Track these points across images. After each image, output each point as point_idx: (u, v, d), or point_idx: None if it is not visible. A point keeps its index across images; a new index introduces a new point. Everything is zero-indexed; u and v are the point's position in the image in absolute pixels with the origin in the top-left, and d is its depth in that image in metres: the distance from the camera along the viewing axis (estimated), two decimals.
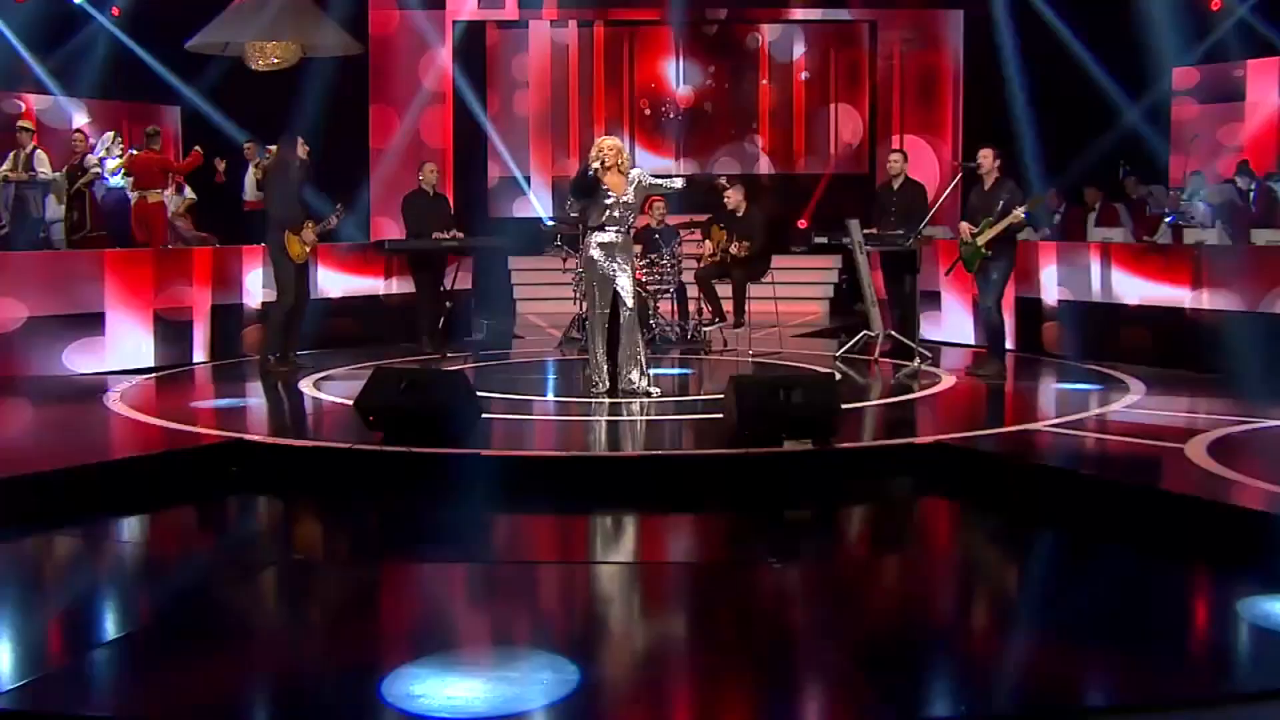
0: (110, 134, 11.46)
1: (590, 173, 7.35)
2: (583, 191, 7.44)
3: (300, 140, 8.88)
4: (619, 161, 7.42)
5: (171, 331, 9.32)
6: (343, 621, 4.33)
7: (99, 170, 11.12)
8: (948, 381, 8.27)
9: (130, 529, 5.52)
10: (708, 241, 10.51)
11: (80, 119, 12.44)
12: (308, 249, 8.87)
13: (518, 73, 15.73)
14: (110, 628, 4.26)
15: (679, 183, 7.94)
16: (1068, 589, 4.55)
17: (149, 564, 5.09)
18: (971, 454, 5.99)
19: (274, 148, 9.52)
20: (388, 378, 6.34)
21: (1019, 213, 8.06)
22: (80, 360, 8.78)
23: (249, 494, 6.01)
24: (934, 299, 10.55)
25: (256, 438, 6.34)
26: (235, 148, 12.18)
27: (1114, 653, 3.80)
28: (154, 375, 8.77)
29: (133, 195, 11.26)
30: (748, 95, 15.97)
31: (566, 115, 15.76)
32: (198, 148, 11.72)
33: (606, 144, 7.45)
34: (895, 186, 9.75)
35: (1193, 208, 11.10)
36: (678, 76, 15.98)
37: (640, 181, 7.49)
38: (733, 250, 10.02)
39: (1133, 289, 9.23)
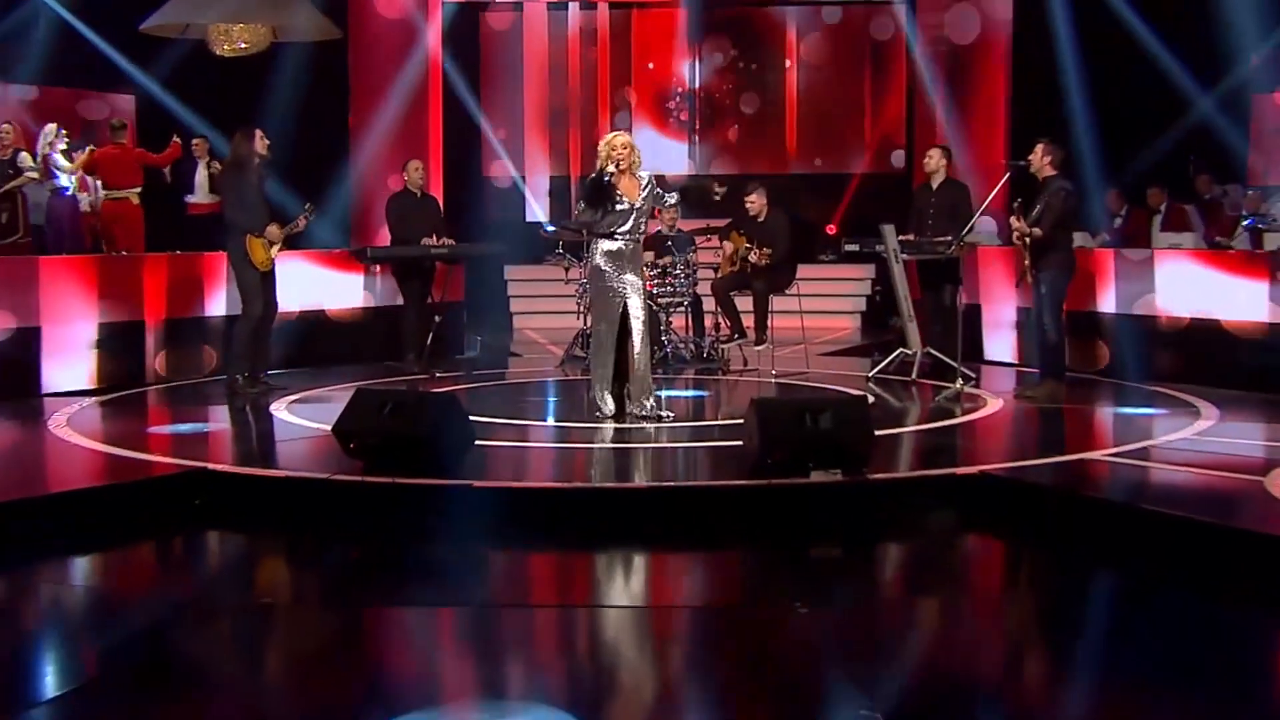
0: (52, 127, 11.21)
1: (606, 179, 7.40)
2: (596, 201, 7.48)
3: (259, 134, 8.91)
4: (632, 162, 7.46)
5: (119, 348, 9.33)
6: (317, 673, 4.34)
7: (35, 172, 10.86)
8: (994, 405, 8.28)
9: (79, 570, 5.54)
10: (726, 246, 10.53)
11: (11, 108, 12.15)
12: (273, 254, 8.92)
13: (514, 61, 15.81)
14: (53, 682, 4.26)
15: (673, 198, 7.98)
16: (1128, 637, 4.54)
17: (99, 609, 5.10)
18: (1021, 486, 5.99)
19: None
20: (370, 400, 6.36)
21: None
22: (13, 380, 8.75)
23: (213, 530, 6.04)
24: (978, 313, 10.56)
25: (222, 467, 6.36)
26: (185, 144, 12.11)
27: (1179, 710, 3.80)
28: (103, 398, 8.79)
29: (83, 197, 11.27)
30: (771, 85, 16.04)
31: (568, 108, 15.84)
32: (176, 138, 11.78)
33: (618, 142, 7.49)
34: (935, 187, 9.78)
35: (1275, 209, 11.07)
36: (691, 65, 16.05)
37: (653, 186, 7.55)
38: (753, 259, 10.04)
39: (1205, 301, 9.22)
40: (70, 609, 5.11)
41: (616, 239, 7.51)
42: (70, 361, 9.07)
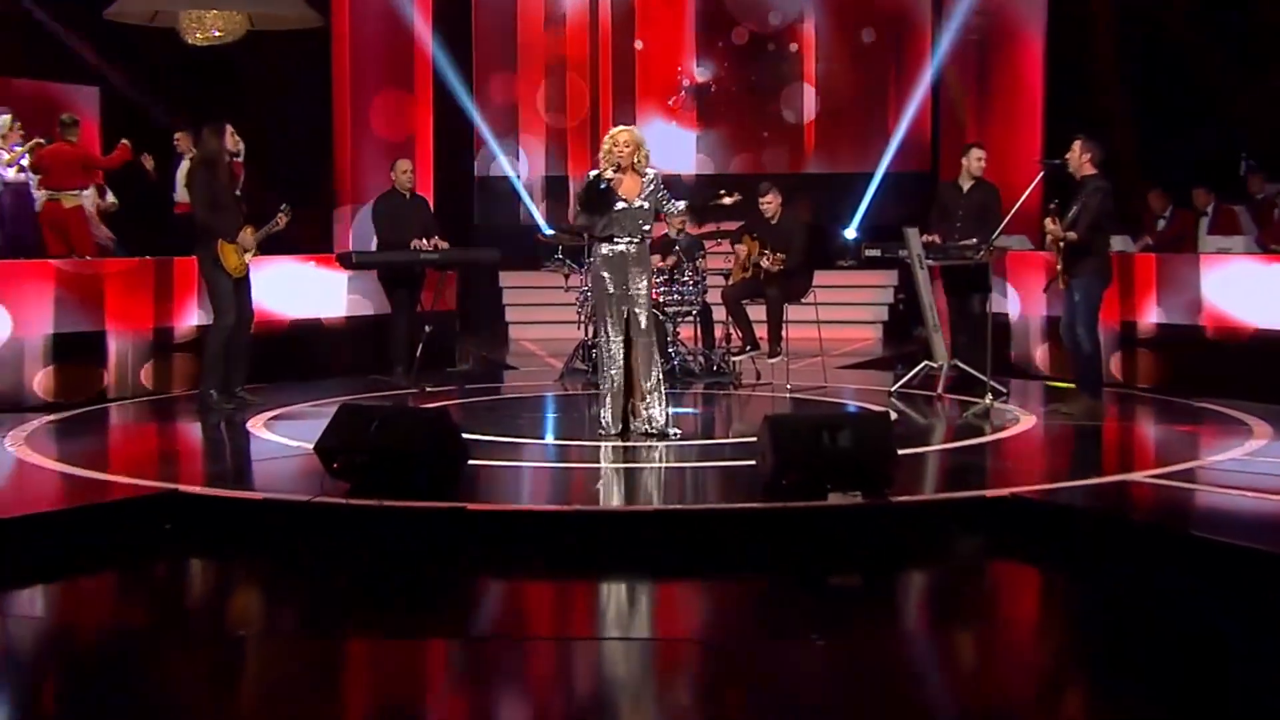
0: (5, 118, 11.20)
1: (603, 185, 7.42)
2: (594, 205, 7.50)
3: (229, 129, 8.94)
4: (635, 160, 7.48)
5: (76, 359, 9.30)
6: (296, 711, 4.34)
7: None
8: (1027, 422, 8.28)
9: (36, 600, 5.53)
10: (738, 250, 10.52)
11: None
12: (247, 259, 8.94)
13: (509, 49, 15.86)
14: None
15: (681, 205, 7.99)
16: (1172, 673, 4.54)
17: (60, 643, 5.09)
18: (1055, 510, 5.99)
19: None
20: (355, 417, 6.37)
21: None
22: None
23: (185, 557, 6.04)
24: (1008, 323, 10.57)
25: (194, 489, 6.37)
26: (166, 139, 12.14)
27: None
28: (62, 414, 8.76)
29: (40, 195, 11.27)
30: (787, 76, 16.06)
31: (567, 102, 15.87)
32: (125, 141, 11.76)
33: (621, 139, 7.51)
34: (965, 188, 9.79)
35: None
36: (700, 54, 16.09)
37: (656, 186, 7.56)
38: (766, 264, 10.04)
39: (1257, 310, 9.23)
40: (28, 643, 5.10)
41: (617, 243, 7.53)
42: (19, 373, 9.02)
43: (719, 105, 16.17)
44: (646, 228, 7.61)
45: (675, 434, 7.60)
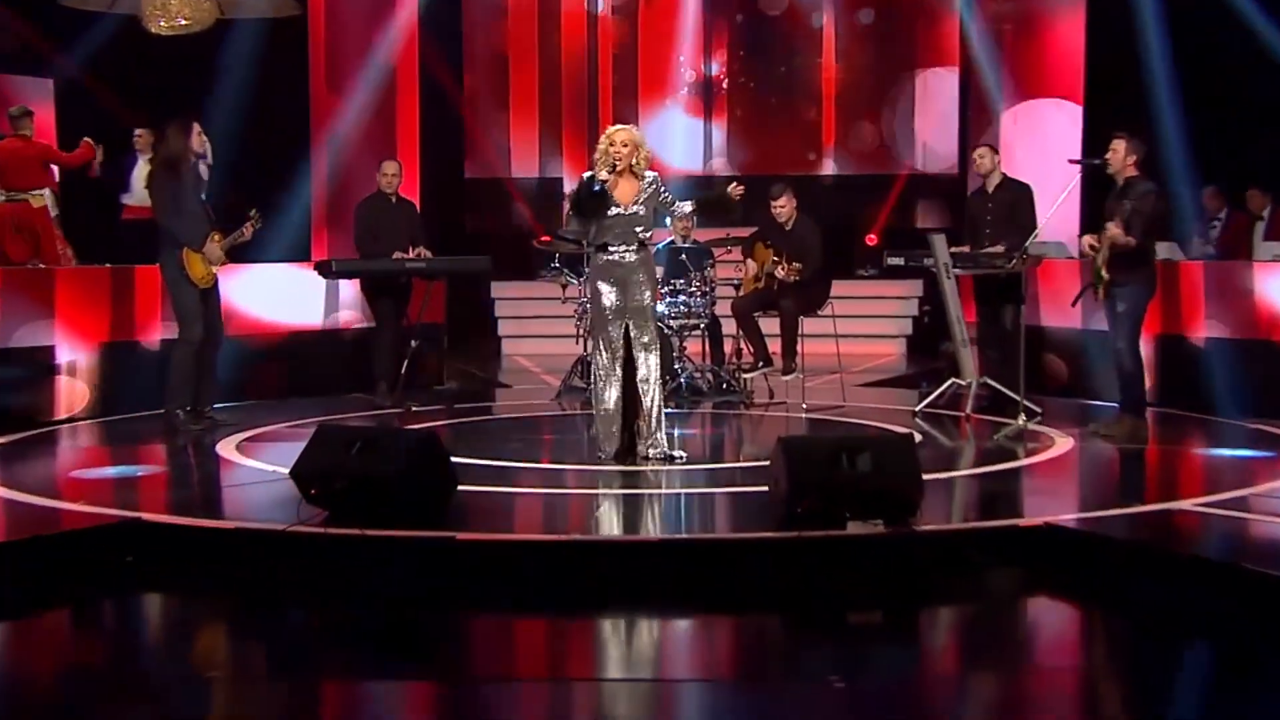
0: None
1: (597, 188, 7.42)
2: (587, 209, 7.50)
3: (195, 128, 8.95)
4: (634, 161, 7.48)
5: (27, 376, 9.29)
6: None
7: None
8: (1064, 445, 8.27)
9: None
10: (749, 263, 10.54)
11: None
12: (215, 268, 8.94)
13: (501, 41, 15.89)
14: None
15: (688, 206, 7.98)
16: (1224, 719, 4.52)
17: (9, 687, 5.05)
18: (1095, 540, 5.97)
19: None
20: (334, 439, 6.37)
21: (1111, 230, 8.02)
22: None
23: (148, 592, 6.02)
24: (1042, 337, 10.56)
25: (158, 517, 6.36)
26: (121, 136, 12.03)
27: None
28: (12, 436, 8.73)
29: None
30: (803, 69, 16.10)
31: (563, 98, 15.90)
32: (88, 139, 11.76)
33: (618, 137, 7.52)
34: (990, 190, 9.79)
35: None
36: (708, 45, 16.11)
37: (656, 189, 7.55)
38: (780, 274, 10.02)
39: None
40: None
41: (612, 252, 7.54)
42: None
43: (729, 99, 16.18)
44: (645, 235, 7.59)
45: (681, 457, 7.60)
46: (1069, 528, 6.08)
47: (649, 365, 7.56)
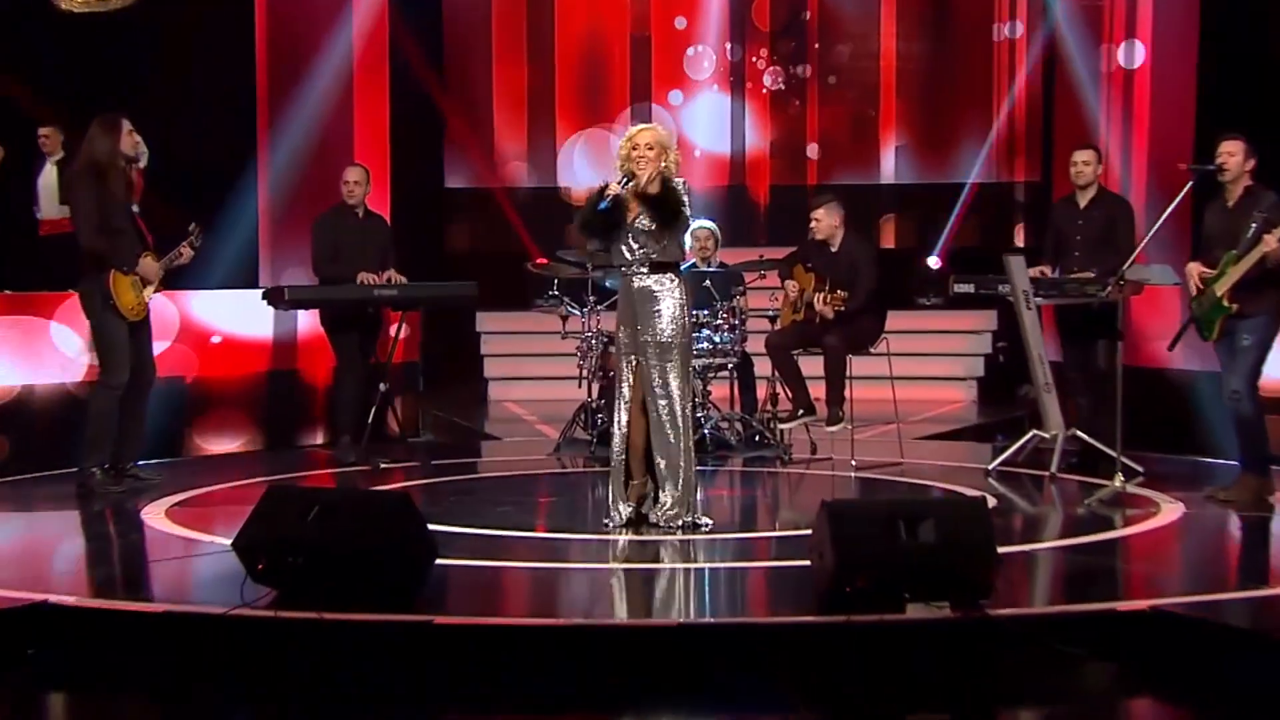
0: None
1: (603, 204, 7.42)
2: (595, 227, 7.52)
3: (125, 125, 8.94)
4: (662, 169, 7.48)
5: None
6: None
7: None
8: (1171, 511, 8.24)
9: None
10: (788, 286, 10.48)
11: None
12: (147, 297, 8.95)
13: (487, 28, 15.95)
14: None
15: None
16: None
17: None
18: (1210, 630, 5.93)
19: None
20: (287, 503, 6.37)
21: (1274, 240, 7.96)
22: None
23: (56, 690, 5.98)
24: (1145, 380, 10.54)
25: (70, 599, 6.33)
26: (25, 133, 12.03)
27: None
28: None
29: None
30: (859, 60, 16.13)
31: (557, 95, 15.96)
32: None
33: (642, 138, 7.53)
34: (1082, 204, 9.80)
35: None
36: (738, 28, 16.17)
37: (669, 194, 7.51)
38: (819, 306, 9.99)
39: None
40: None
41: (625, 273, 7.60)
42: None
43: (765, 93, 16.25)
44: (656, 256, 7.57)
45: (705, 525, 7.60)
46: (1178, 614, 6.04)
47: (662, 411, 7.54)
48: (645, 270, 7.56)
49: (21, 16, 12.10)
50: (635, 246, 7.55)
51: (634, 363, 7.57)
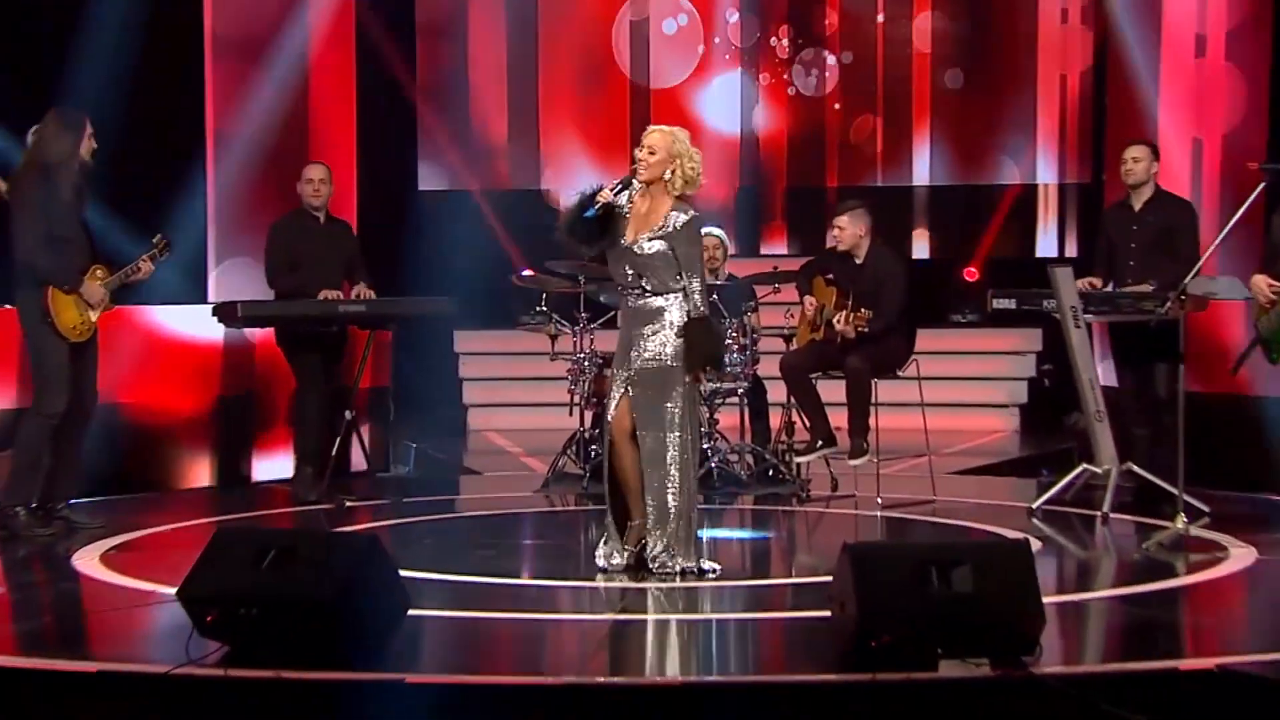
0: None
1: (591, 211, 7.42)
2: (579, 233, 7.52)
3: (89, 127, 8.91)
4: (669, 176, 7.47)
5: None
6: None
7: None
8: (1241, 557, 8.23)
9: None
10: (807, 302, 10.51)
11: None
12: (94, 316, 8.95)
13: (463, 7, 15.99)
14: None
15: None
16: None
17: None
18: None
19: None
20: (238, 548, 6.36)
21: None
22: None
23: None
24: (1210, 408, 10.55)
25: None
26: None
27: None
28: None
29: None
30: (890, 47, 16.19)
31: (537, 82, 15.99)
32: None
33: (648, 140, 7.53)
34: (1137, 207, 9.82)
35: None
36: (748, 2, 16.24)
37: (674, 227, 7.45)
38: (840, 325, 9.98)
39: None
40: None
41: (620, 294, 7.64)
42: None
43: (781, 83, 16.32)
44: (648, 285, 7.53)
45: (712, 571, 7.61)
46: (1248, 674, 6.06)
47: (648, 443, 7.53)
48: (637, 293, 7.58)
49: None
50: (628, 271, 7.56)
51: (622, 389, 7.58)
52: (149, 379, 10.69)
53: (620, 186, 7.45)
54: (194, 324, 10.96)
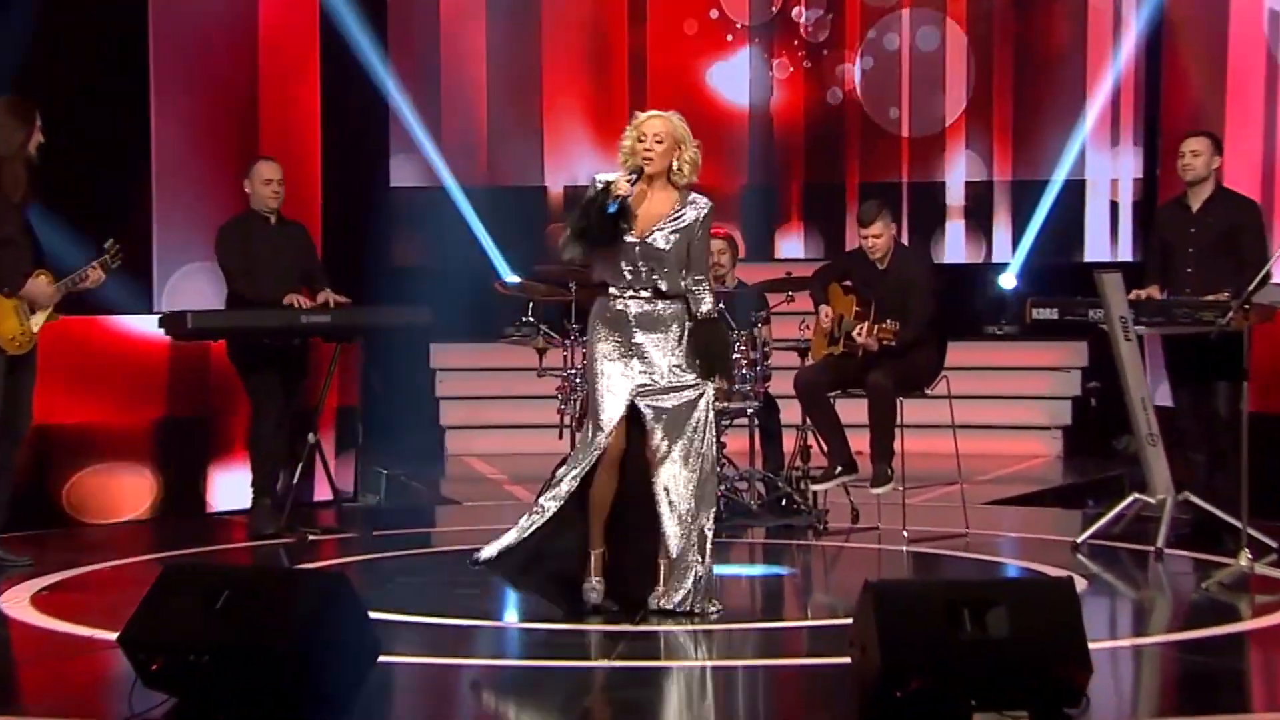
0: None
1: (612, 206, 7.42)
2: (595, 234, 7.53)
3: (37, 119, 8.94)
4: (673, 167, 7.52)
5: None
6: None
7: None
8: None
9: None
10: (823, 311, 10.50)
11: None
12: (35, 325, 8.96)
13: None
14: None
15: (706, 303, 7.88)
16: None
17: None
18: None
19: None
20: (187, 588, 6.37)
21: None
22: None
23: None
24: (1277, 431, 10.56)
25: None
26: None
27: None
28: None
29: None
30: (919, 44, 16.25)
31: (534, 68, 16.04)
32: None
33: (650, 128, 7.57)
34: (1195, 207, 9.82)
35: None
36: None
37: (693, 225, 7.54)
38: (861, 339, 9.99)
39: None
40: None
41: (615, 297, 7.62)
42: None
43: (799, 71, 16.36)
44: (663, 284, 7.59)
45: (715, 612, 7.63)
46: None
47: (669, 470, 7.55)
48: (648, 296, 7.59)
49: None
50: (641, 268, 7.59)
51: (624, 407, 7.57)
52: (87, 397, 10.69)
53: (635, 178, 7.46)
54: (138, 336, 10.94)
